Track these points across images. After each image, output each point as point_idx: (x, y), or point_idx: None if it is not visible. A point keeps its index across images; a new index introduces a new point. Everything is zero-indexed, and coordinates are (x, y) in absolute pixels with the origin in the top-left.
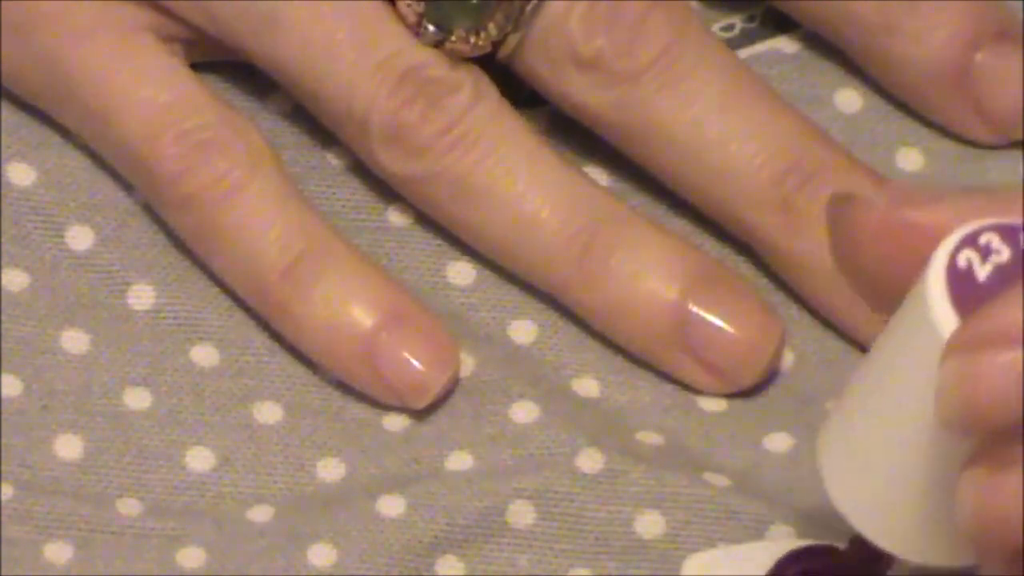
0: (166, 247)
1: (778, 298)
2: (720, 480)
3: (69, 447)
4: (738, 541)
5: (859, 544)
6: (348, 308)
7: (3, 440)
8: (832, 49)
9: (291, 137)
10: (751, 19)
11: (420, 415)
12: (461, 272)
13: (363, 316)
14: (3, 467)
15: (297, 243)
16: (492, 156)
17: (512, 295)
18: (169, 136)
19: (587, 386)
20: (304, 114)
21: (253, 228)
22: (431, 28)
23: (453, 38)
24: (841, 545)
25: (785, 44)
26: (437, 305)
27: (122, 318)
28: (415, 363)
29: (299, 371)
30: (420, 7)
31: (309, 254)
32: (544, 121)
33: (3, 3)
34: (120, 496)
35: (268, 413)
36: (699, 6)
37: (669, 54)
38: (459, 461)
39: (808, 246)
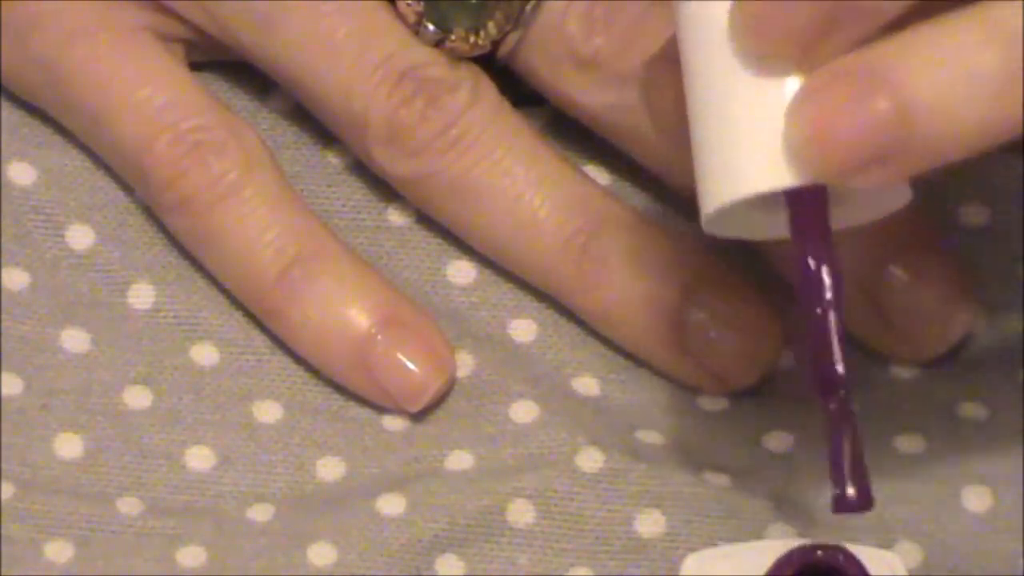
0: (166, 246)
1: (777, 298)
2: (720, 479)
3: (69, 446)
4: (738, 540)
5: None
6: (343, 312)
7: (3, 439)
8: None
9: (291, 137)
10: None
11: (420, 414)
12: (461, 271)
13: (358, 320)
14: (3, 466)
15: (292, 247)
16: (490, 156)
17: (512, 294)
18: (165, 138)
19: (587, 385)
20: (304, 114)
21: (248, 232)
22: (431, 27)
23: (453, 37)
24: (842, 544)
25: None
26: (437, 304)
27: (122, 317)
28: (410, 366)
29: (299, 370)
30: (420, 6)
31: (304, 258)
32: (544, 120)
33: (2, 3)
34: (120, 495)
35: (268, 412)
36: None
37: None
38: (459, 460)
39: None
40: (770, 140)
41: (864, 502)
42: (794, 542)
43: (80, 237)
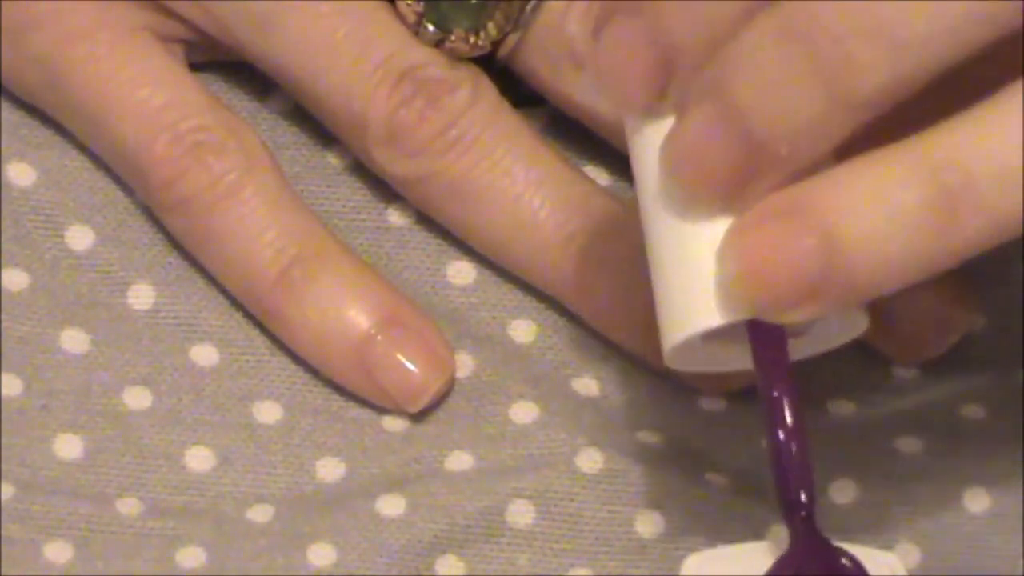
0: (166, 247)
1: None
2: (720, 480)
3: (69, 447)
4: (738, 541)
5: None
6: (342, 312)
7: (3, 440)
8: None
9: (291, 137)
10: None
11: (420, 415)
12: (461, 272)
13: (357, 320)
14: (3, 467)
15: (291, 247)
16: (490, 156)
17: (512, 295)
18: (164, 138)
19: (587, 386)
20: (304, 114)
21: (247, 232)
22: (430, 28)
23: (452, 38)
24: (842, 545)
25: None
26: (437, 305)
27: (122, 318)
28: (410, 367)
29: (299, 371)
30: (420, 7)
31: (303, 258)
32: (544, 120)
33: (2, 3)
34: (120, 496)
35: (268, 413)
36: None
37: None
38: (459, 461)
39: None
40: (708, 278)
41: None
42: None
43: (80, 238)
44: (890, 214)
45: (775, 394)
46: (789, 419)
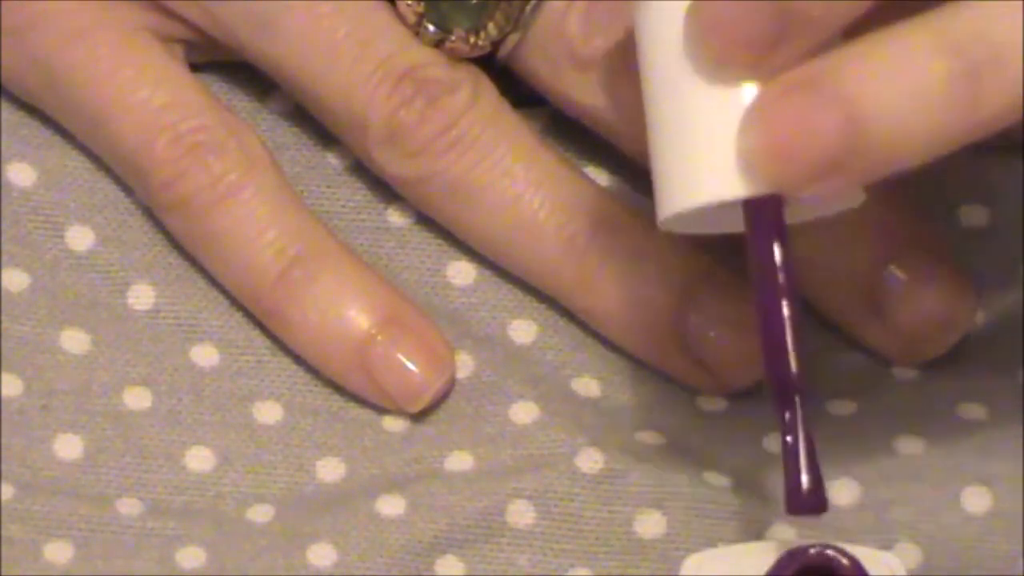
0: (166, 247)
1: None
2: (720, 480)
3: (69, 447)
4: (738, 541)
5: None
6: (342, 312)
7: (3, 440)
8: None
9: (291, 137)
10: None
11: (420, 415)
12: (461, 272)
13: (358, 320)
14: (3, 467)
15: (292, 247)
16: (490, 157)
17: (512, 295)
18: (164, 139)
19: (587, 386)
20: (304, 114)
21: (247, 232)
22: (431, 28)
23: (453, 38)
24: (841, 545)
25: None
26: (437, 305)
27: (122, 318)
28: (410, 367)
29: (299, 371)
30: (420, 7)
31: (304, 258)
32: (544, 120)
33: (2, 3)
34: (120, 496)
35: (268, 413)
36: None
37: None
38: (459, 461)
39: None
40: (725, 149)
41: (818, 504)
42: (794, 543)
43: (80, 238)
44: (914, 88)
45: (767, 263)
46: (782, 280)
